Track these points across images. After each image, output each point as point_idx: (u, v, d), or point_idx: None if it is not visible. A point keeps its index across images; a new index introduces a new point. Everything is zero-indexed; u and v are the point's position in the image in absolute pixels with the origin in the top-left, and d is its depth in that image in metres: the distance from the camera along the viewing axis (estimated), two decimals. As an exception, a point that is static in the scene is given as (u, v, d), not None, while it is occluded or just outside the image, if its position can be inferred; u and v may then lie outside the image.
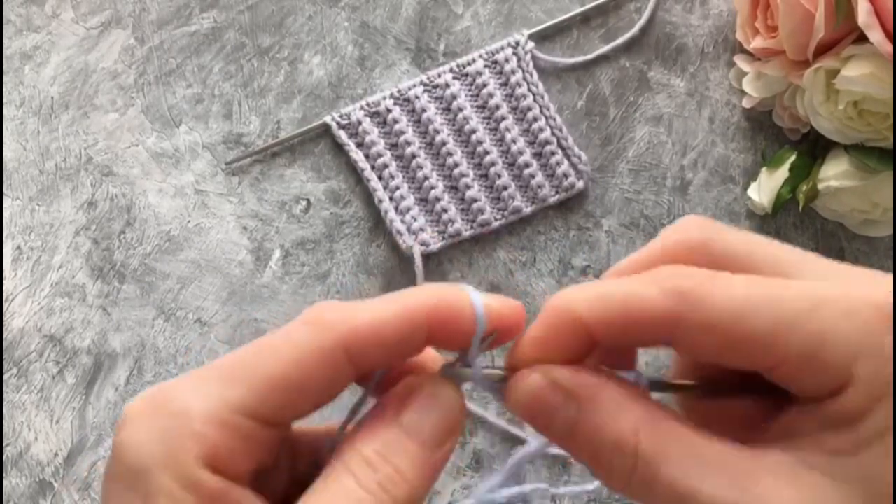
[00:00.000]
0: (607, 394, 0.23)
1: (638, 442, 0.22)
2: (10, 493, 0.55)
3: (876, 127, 0.50)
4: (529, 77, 0.58)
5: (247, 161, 0.59)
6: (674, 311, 0.22)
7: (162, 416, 0.22)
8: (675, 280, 0.23)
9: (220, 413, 0.22)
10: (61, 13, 0.61)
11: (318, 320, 0.23)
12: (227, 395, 0.22)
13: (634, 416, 0.23)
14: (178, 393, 0.22)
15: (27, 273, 0.58)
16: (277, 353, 0.23)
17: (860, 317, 0.21)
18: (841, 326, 0.21)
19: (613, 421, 0.23)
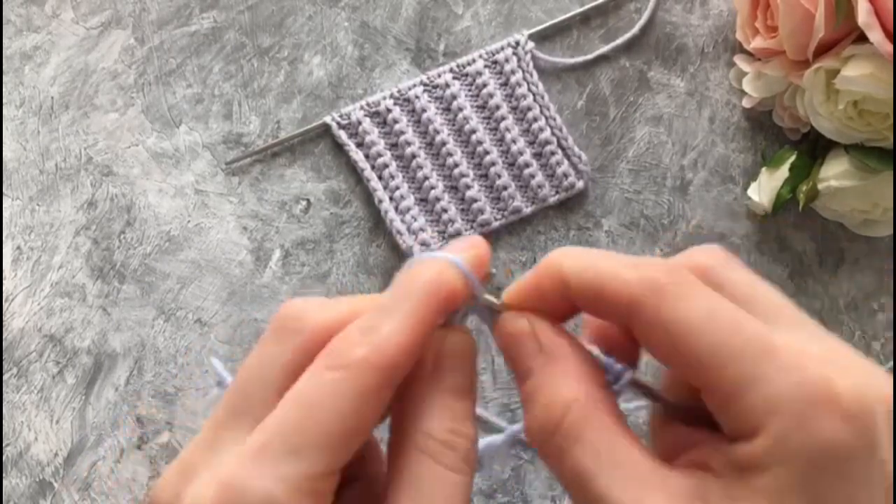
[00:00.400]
0: (570, 362, 0.25)
1: (566, 413, 0.24)
2: (10, 493, 0.55)
3: (876, 127, 0.50)
4: (529, 77, 0.58)
5: (247, 161, 0.59)
6: (636, 298, 0.24)
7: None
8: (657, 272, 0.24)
9: (304, 487, 0.22)
10: (61, 13, 0.61)
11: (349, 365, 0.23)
12: (302, 467, 0.22)
13: (578, 391, 0.24)
14: (256, 481, 0.22)
15: (27, 273, 0.58)
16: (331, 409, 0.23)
17: (800, 381, 0.21)
18: (776, 379, 0.21)
19: (559, 384, 0.25)
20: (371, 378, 0.23)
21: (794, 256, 0.58)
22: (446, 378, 0.26)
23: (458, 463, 0.25)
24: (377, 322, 0.25)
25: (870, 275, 0.58)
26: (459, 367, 0.26)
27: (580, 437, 0.23)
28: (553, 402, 0.24)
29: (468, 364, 0.27)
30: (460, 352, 0.27)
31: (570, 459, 0.23)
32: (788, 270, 0.58)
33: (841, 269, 0.58)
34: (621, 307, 0.24)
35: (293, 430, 0.23)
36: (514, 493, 0.55)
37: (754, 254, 0.58)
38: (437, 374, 0.26)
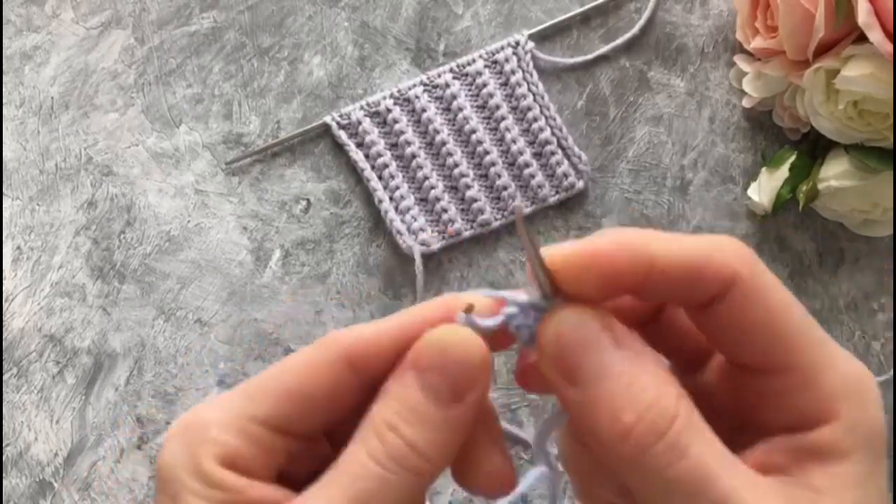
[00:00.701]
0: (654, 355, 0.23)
1: (679, 408, 0.21)
2: (10, 493, 0.55)
3: (876, 127, 0.50)
4: (529, 77, 0.58)
5: (247, 161, 0.59)
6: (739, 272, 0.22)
7: (188, 431, 0.24)
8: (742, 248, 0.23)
9: (236, 422, 0.24)
10: (61, 13, 0.61)
11: (325, 339, 0.25)
12: (242, 406, 0.24)
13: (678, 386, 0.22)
14: (202, 411, 0.25)
15: (27, 273, 0.58)
16: (289, 370, 0.25)
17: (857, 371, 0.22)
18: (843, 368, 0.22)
19: (662, 378, 0.22)
20: (331, 351, 0.24)
21: (794, 256, 0.58)
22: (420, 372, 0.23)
23: (382, 457, 0.23)
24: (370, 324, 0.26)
25: (870, 275, 0.58)
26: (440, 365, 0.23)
27: (698, 434, 0.21)
28: (665, 397, 0.21)
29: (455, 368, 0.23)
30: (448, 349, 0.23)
31: (689, 458, 0.20)
32: (788, 270, 0.58)
33: (841, 269, 0.58)
34: (724, 283, 0.22)
35: (259, 381, 0.25)
36: (514, 493, 0.55)
37: (754, 254, 0.58)
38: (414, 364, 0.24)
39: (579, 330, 0.22)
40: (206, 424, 0.24)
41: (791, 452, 0.22)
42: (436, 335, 0.24)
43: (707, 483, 0.20)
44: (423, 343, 0.24)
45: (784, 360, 0.22)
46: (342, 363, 0.24)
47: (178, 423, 0.25)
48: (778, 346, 0.22)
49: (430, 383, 0.23)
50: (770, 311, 0.22)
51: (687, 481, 0.20)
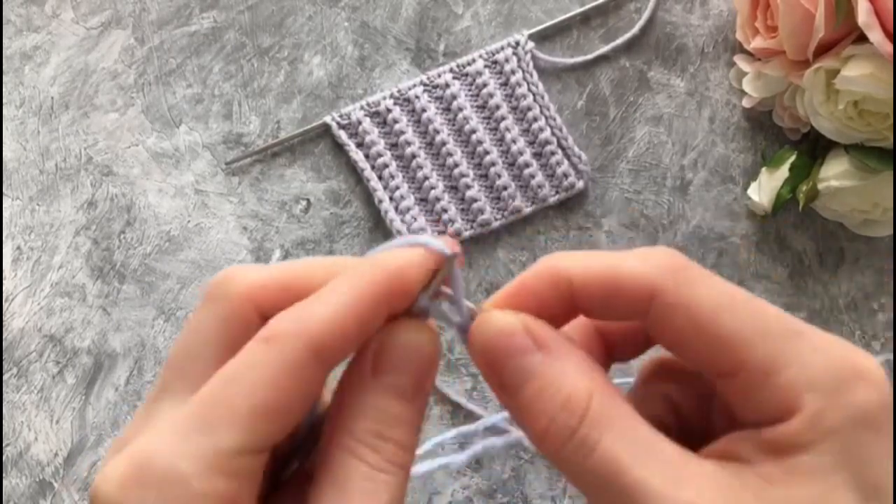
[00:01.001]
0: (575, 355, 0.23)
1: (589, 405, 0.22)
2: (10, 493, 0.55)
3: (876, 127, 0.50)
4: (529, 77, 0.58)
5: (247, 161, 0.59)
6: (657, 284, 0.22)
7: (153, 488, 0.21)
8: (666, 258, 0.23)
9: (214, 464, 0.21)
10: (61, 13, 0.61)
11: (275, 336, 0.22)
12: (213, 442, 0.21)
13: (593, 382, 0.23)
14: (162, 456, 0.21)
15: (27, 273, 0.58)
16: (250, 382, 0.21)
17: (830, 358, 0.21)
18: (808, 357, 0.21)
19: (572, 377, 0.22)
20: (295, 352, 0.22)
21: (794, 256, 0.58)
22: (385, 376, 0.24)
23: (385, 464, 0.23)
24: (314, 299, 0.23)
25: (870, 275, 0.58)
26: (404, 366, 0.24)
27: (609, 426, 0.22)
28: (573, 395, 0.22)
29: (416, 363, 0.24)
30: (407, 348, 0.24)
31: (598, 452, 0.21)
32: (788, 270, 0.58)
33: (841, 269, 0.58)
34: (639, 296, 0.23)
35: (210, 403, 0.22)
36: (514, 493, 0.55)
37: (754, 254, 0.58)
38: (375, 371, 0.24)
39: (501, 337, 0.23)
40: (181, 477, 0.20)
41: (754, 445, 0.22)
42: (400, 340, 0.24)
43: (616, 474, 0.21)
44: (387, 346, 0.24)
45: (728, 363, 0.22)
46: (312, 363, 0.22)
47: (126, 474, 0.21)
48: (716, 351, 0.22)
49: (396, 384, 0.24)
50: (698, 318, 0.22)
51: (597, 474, 0.21)
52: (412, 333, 0.24)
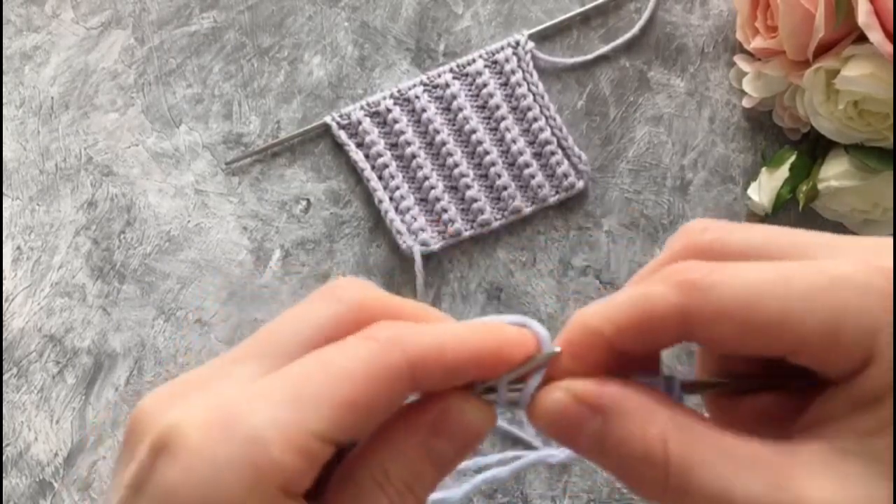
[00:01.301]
0: (632, 403, 0.23)
1: (667, 450, 0.22)
2: (10, 493, 0.55)
3: (876, 127, 0.50)
4: (529, 77, 0.58)
5: (247, 161, 0.59)
6: (683, 305, 0.22)
7: (236, 441, 0.21)
8: (680, 274, 0.22)
9: (296, 441, 0.21)
10: (61, 13, 0.61)
11: (385, 340, 0.23)
12: (301, 419, 0.21)
13: (661, 424, 0.22)
14: (250, 416, 0.21)
15: (27, 273, 0.58)
16: (347, 376, 0.22)
17: (877, 290, 0.20)
18: (857, 302, 0.21)
19: (640, 430, 0.22)
20: (393, 357, 0.22)
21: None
22: (437, 441, 0.24)
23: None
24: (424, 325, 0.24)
25: (870, 275, 0.58)
26: (457, 439, 0.24)
27: (697, 461, 0.21)
28: (648, 448, 0.22)
29: (468, 442, 0.24)
30: (470, 425, 0.24)
31: (695, 489, 0.21)
32: (788, 270, 0.58)
33: (841, 269, 0.58)
34: (669, 322, 0.22)
35: (307, 383, 0.22)
36: (514, 493, 0.55)
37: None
38: (433, 430, 0.24)
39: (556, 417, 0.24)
40: (264, 440, 0.21)
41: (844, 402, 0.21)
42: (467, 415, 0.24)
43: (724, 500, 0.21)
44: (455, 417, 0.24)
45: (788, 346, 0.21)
46: (406, 374, 0.22)
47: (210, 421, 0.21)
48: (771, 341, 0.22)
49: (442, 453, 0.24)
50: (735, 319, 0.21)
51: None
52: (479, 412, 0.25)
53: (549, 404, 0.24)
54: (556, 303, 0.57)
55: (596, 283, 0.57)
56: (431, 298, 0.57)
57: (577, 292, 0.57)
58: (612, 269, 0.57)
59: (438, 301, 0.57)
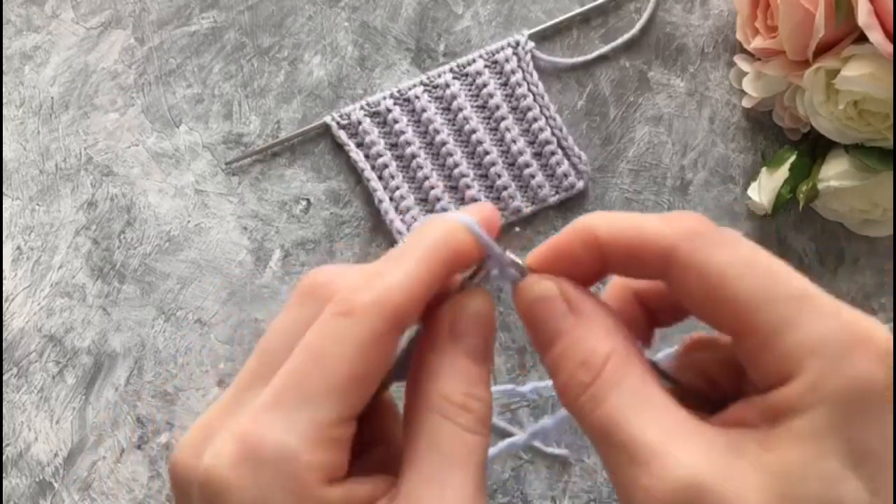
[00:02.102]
0: (601, 319, 0.25)
1: (605, 365, 0.24)
2: (10, 493, 0.55)
3: (876, 127, 0.50)
4: (529, 77, 0.58)
5: (247, 161, 0.59)
6: (676, 247, 0.24)
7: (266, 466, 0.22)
8: (690, 221, 0.24)
9: (316, 436, 0.23)
10: (61, 13, 0.61)
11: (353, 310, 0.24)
12: (313, 415, 0.23)
13: (614, 344, 0.24)
14: (270, 434, 0.23)
15: (27, 273, 0.58)
16: (339, 356, 0.23)
17: (837, 323, 0.22)
18: (813, 322, 0.22)
19: (594, 339, 0.24)
20: (376, 323, 0.23)
21: (794, 256, 0.58)
22: (463, 341, 0.26)
23: (475, 425, 0.25)
24: (383, 269, 0.25)
25: (870, 275, 0.58)
26: (476, 330, 0.26)
27: (618, 385, 0.23)
28: (592, 356, 0.24)
29: (485, 327, 0.27)
30: (477, 315, 0.27)
31: (603, 408, 0.23)
32: (788, 270, 0.58)
33: (841, 269, 0.58)
34: (658, 256, 0.24)
35: (302, 379, 0.23)
36: (514, 493, 0.55)
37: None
38: (454, 336, 0.26)
39: (540, 301, 0.26)
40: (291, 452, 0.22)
41: (758, 410, 0.22)
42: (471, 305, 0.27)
43: (616, 428, 0.23)
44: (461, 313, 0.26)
45: (737, 326, 0.23)
46: (390, 330, 0.24)
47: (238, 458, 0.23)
48: (726, 314, 0.23)
49: (473, 347, 0.26)
50: (709, 280, 0.23)
51: (600, 428, 0.23)
52: (479, 300, 0.27)
53: (537, 289, 0.26)
54: (556, 303, 0.57)
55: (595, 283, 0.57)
56: (431, 298, 0.57)
57: (577, 292, 0.57)
58: (612, 269, 0.57)
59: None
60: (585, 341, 0.25)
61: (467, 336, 0.26)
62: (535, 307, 0.26)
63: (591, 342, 0.24)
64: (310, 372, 0.23)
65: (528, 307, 0.26)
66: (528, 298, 0.26)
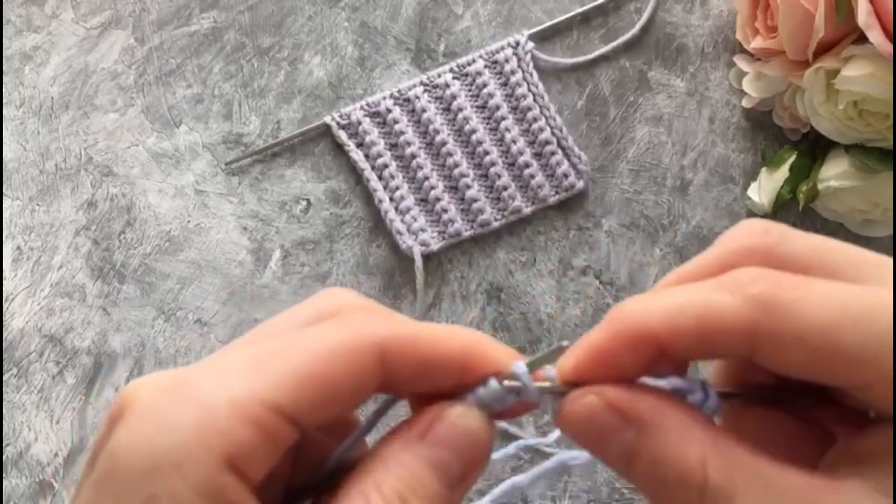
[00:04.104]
0: (669, 418, 0.21)
1: (706, 474, 0.20)
2: (10, 493, 0.55)
3: (876, 127, 0.50)
4: (529, 77, 0.58)
5: (247, 161, 0.59)
6: (758, 323, 0.20)
7: (181, 406, 0.20)
8: (758, 287, 0.21)
9: (248, 407, 0.20)
10: (61, 13, 0.61)
11: (354, 323, 0.22)
12: (255, 387, 0.20)
13: (701, 445, 0.21)
14: (200, 381, 0.20)
15: (27, 273, 0.58)
16: (308, 348, 0.21)
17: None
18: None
19: (678, 450, 0.21)
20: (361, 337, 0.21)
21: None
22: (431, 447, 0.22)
23: None
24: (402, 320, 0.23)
25: (870, 275, 0.58)
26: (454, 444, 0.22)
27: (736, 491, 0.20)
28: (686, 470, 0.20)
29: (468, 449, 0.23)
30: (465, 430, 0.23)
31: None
32: (788, 270, 0.58)
33: (841, 269, 0.58)
34: (737, 337, 0.21)
35: (267, 354, 0.21)
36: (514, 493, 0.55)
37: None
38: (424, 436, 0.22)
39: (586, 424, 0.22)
40: (212, 405, 0.19)
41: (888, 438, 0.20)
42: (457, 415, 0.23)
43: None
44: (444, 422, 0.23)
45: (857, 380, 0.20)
46: (374, 356, 0.21)
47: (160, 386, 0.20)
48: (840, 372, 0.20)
49: (441, 461, 0.22)
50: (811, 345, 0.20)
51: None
52: (471, 418, 0.23)
53: (579, 408, 0.22)
54: (555, 303, 0.57)
55: (596, 283, 0.57)
56: (431, 298, 0.57)
57: (577, 292, 0.57)
58: (611, 269, 0.57)
59: (438, 301, 0.57)
60: (666, 453, 0.21)
61: (438, 445, 0.22)
62: (588, 431, 0.22)
63: (673, 450, 0.21)
64: (277, 351, 0.21)
65: (579, 432, 0.22)
66: (571, 425, 0.22)
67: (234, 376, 0.20)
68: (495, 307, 0.57)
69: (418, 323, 0.23)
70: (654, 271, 0.57)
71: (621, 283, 0.57)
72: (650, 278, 0.57)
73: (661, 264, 0.58)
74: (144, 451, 0.19)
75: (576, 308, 0.57)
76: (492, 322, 0.57)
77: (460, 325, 0.25)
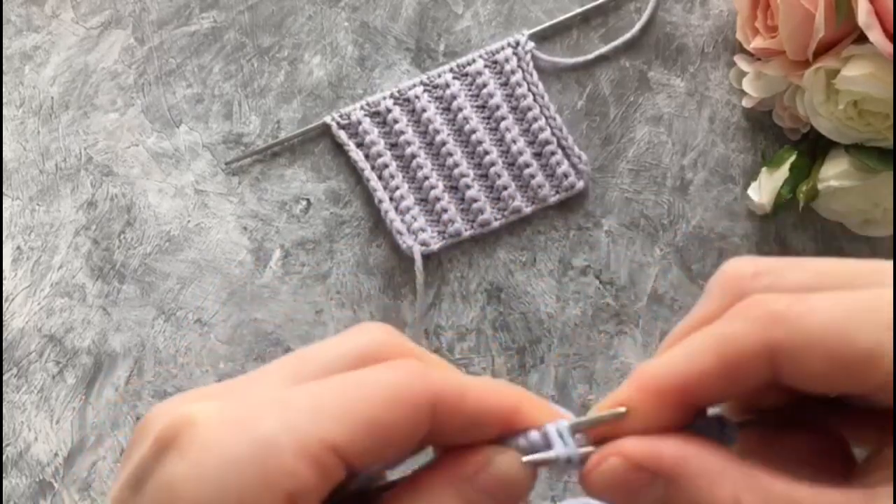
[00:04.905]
0: (696, 463, 0.21)
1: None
2: (10, 493, 0.55)
3: (876, 127, 0.50)
4: (529, 77, 0.58)
5: (247, 161, 0.59)
6: (771, 339, 0.20)
7: (244, 440, 0.19)
8: (766, 307, 0.21)
9: (311, 447, 0.20)
10: (61, 13, 0.61)
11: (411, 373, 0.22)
12: (318, 429, 0.20)
13: (732, 483, 0.20)
14: (268, 419, 0.20)
15: (27, 273, 0.58)
16: (366, 392, 0.21)
17: None
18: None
19: (709, 495, 0.20)
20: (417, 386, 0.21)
21: (795, 256, 0.58)
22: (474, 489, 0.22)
23: None
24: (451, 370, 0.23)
25: (870, 275, 0.58)
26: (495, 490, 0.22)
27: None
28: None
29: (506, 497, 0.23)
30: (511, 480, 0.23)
31: None
32: (788, 270, 0.58)
33: (841, 269, 0.58)
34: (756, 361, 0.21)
35: (325, 395, 0.21)
36: (514, 493, 0.55)
37: (754, 254, 0.58)
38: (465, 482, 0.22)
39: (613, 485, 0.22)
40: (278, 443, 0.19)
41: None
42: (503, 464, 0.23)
43: None
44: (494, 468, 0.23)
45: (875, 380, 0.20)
46: (429, 407, 0.21)
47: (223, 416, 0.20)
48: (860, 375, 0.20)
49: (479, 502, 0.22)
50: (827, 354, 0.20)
51: None
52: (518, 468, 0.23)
53: (604, 471, 0.22)
54: (555, 303, 0.57)
55: (596, 283, 0.57)
56: (431, 298, 0.57)
57: (577, 292, 0.57)
58: (612, 269, 0.57)
59: (438, 301, 0.57)
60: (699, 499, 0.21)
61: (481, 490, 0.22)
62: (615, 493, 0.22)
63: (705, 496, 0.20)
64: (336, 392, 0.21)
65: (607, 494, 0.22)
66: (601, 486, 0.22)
67: (294, 413, 0.20)
68: (495, 307, 0.57)
69: (465, 376, 0.23)
70: (654, 271, 0.57)
71: (621, 282, 0.57)
72: (650, 278, 0.57)
73: (661, 264, 0.58)
74: (206, 487, 0.19)
75: (576, 308, 0.57)
76: (492, 322, 0.57)
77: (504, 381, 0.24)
